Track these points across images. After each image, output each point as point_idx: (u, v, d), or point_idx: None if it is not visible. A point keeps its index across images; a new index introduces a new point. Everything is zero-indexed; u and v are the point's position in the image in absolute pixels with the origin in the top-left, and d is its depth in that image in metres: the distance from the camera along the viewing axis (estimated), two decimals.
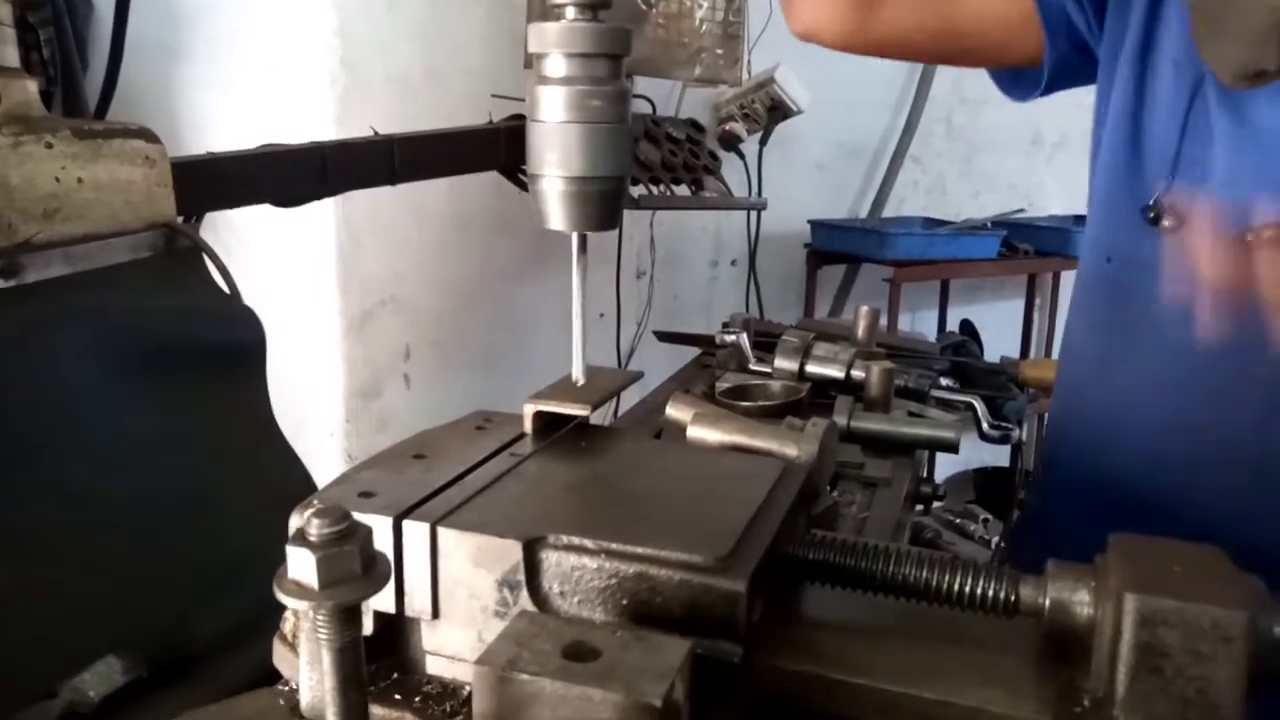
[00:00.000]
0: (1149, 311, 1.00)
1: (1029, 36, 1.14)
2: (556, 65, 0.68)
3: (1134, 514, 0.96)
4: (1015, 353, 3.95)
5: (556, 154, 0.69)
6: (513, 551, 0.57)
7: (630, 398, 1.51)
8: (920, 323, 4.00)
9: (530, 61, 0.71)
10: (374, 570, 0.47)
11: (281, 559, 0.47)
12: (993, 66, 1.27)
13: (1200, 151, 0.95)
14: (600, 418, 0.81)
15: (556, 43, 0.67)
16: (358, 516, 0.49)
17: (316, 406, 2.55)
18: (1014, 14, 1.13)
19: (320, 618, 0.46)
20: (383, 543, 0.58)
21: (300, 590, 0.45)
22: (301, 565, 0.45)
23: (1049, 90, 1.19)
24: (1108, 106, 1.08)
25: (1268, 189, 0.90)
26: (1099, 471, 1.05)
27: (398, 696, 0.59)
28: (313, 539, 0.45)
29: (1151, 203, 0.98)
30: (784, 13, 1.25)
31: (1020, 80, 1.23)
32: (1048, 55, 1.14)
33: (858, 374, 1.39)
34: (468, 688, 0.59)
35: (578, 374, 0.76)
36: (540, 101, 0.68)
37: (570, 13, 0.67)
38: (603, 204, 0.71)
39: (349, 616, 0.47)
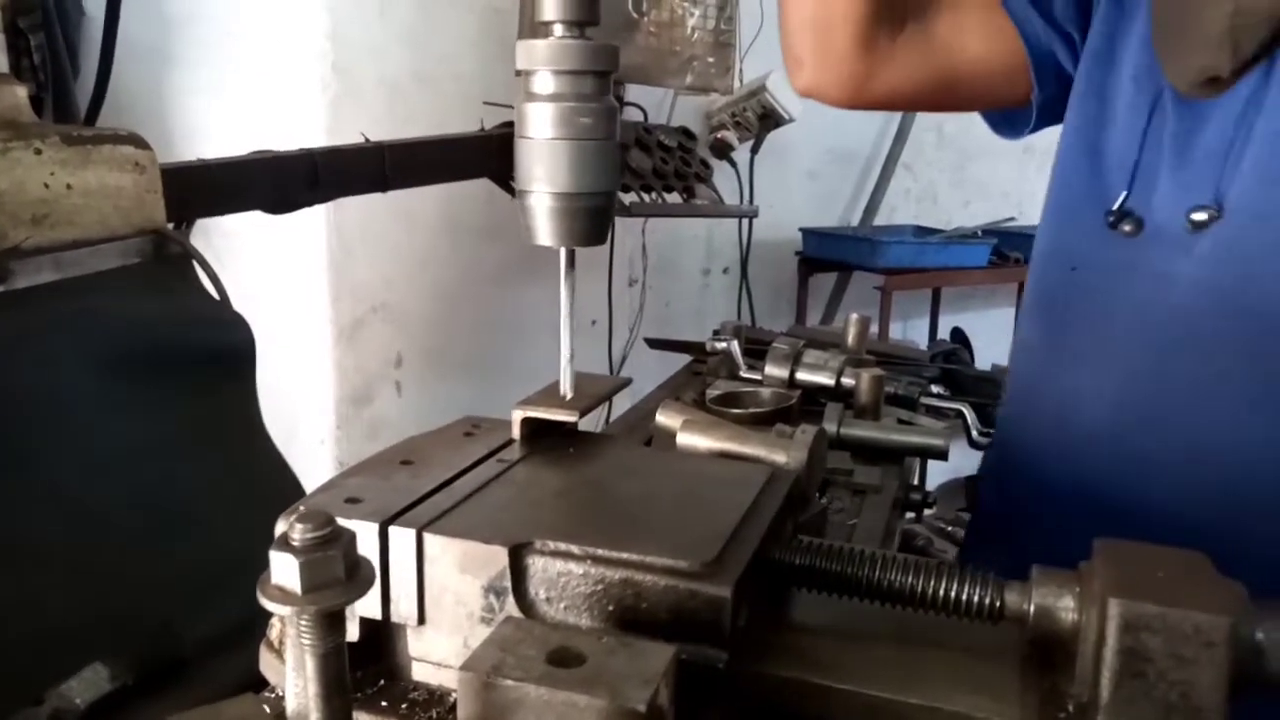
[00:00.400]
0: (1112, 315, 1.01)
1: (1020, 80, 1.17)
2: (545, 82, 0.68)
3: (1096, 517, 0.95)
4: (1006, 360, 3.96)
5: (545, 170, 0.69)
6: (499, 557, 0.57)
7: (621, 404, 1.51)
8: (912, 330, 4.00)
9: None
10: (357, 575, 0.47)
11: (269, 565, 0.47)
12: (985, 110, 1.29)
13: (1157, 161, 0.98)
14: (592, 424, 0.81)
15: (545, 60, 0.67)
16: (344, 522, 0.49)
17: (307, 414, 2.54)
18: (1006, 61, 1.17)
19: (303, 623, 0.46)
20: (369, 549, 0.58)
21: (283, 595, 0.45)
22: (284, 570, 0.45)
23: (1038, 128, 1.22)
24: (1070, 121, 1.11)
25: (1213, 194, 0.92)
26: (1059, 474, 1.05)
27: (384, 703, 0.59)
28: (296, 544, 0.45)
29: (1113, 209, 1.01)
30: (787, 71, 1.28)
31: (1009, 119, 1.27)
32: (1036, 96, 1.18)
33: (848, 381, 1.39)
34: (454, 694, 0.59)
35: (565, 389, 0.76)
36: (529, 118, 0.69)
37: (558, 30, 0.67)
38: (591, 219, 0.71)
39: (332, 622, 0.47)
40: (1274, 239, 0.88)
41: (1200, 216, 0.93)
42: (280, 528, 0.59)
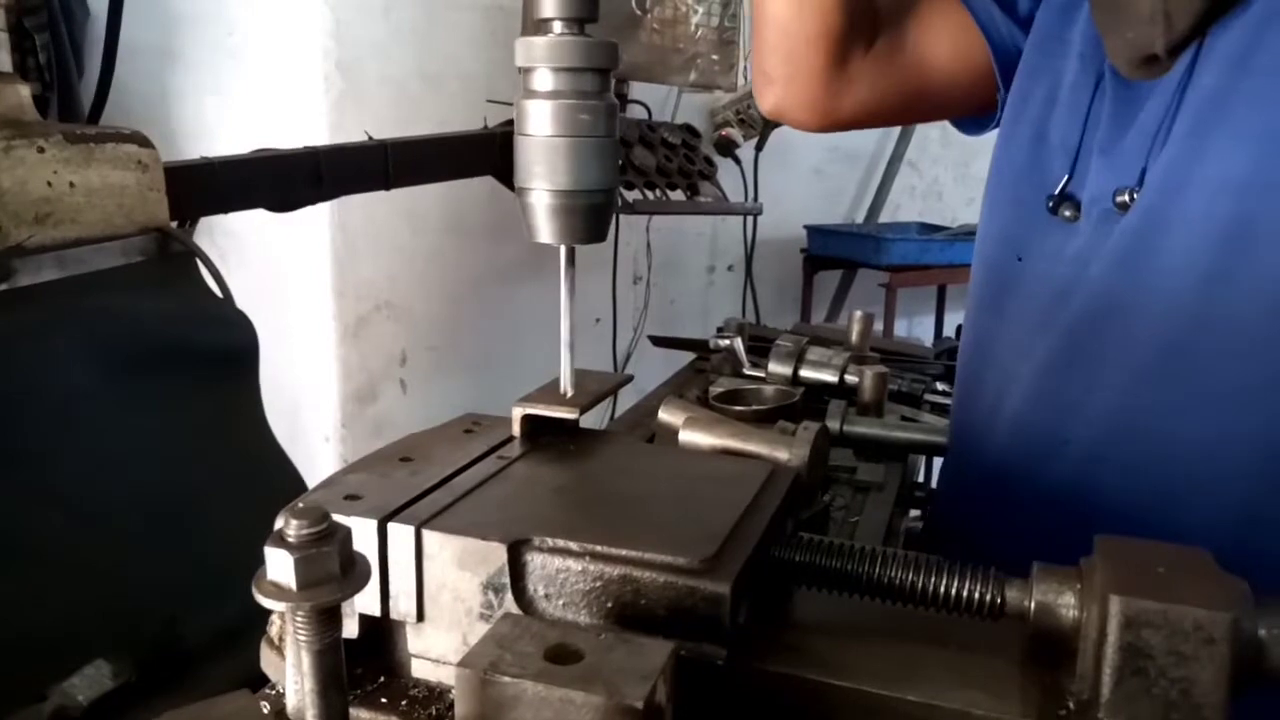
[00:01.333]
0: (1044, 300, 0.98)
1: (988, 83, 1.15)
2: (544, 80, 0.68)
3: (1049, 517, 0.93)
4: None
5: (544, 167, 0.69)
6: (497, 554, 0.57)
7: (625, 401, 1.51)
8: (917, 328, 4.00)
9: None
10: (353, 571, 0.47)
11: None
12: (954, 118, 1.28)
13: (1097, 143, 0.96)
14: (596, 421, 0.81)
15: (544, 57, 0.67)
16: (343, 519, 0.49)
17: (312, 412, 2.55)
18: (973, 64, 1.15)
19: (299, 619, 0.46)
20: (368, 546, 0.58)
21: (278, 591, 0.45)
22: (279, 566, 0.45)
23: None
24: (1013, 103, 1.09)
25: (1139, 175, 0.90)
26: (996, 465, 1.03)
27: (383, 700, 0.59)
28: (291, 540, 0.45)
29: (1055, 193, 0.98)
30: (754, 91, 1.27)
31: (975, 118, 1.25)
32: (1000, 93, 1.16)
33: (851, 378, 1.39)
34: (453, 691, 0.59)
35: (565, 386, 0.76)
36: (528, 115, 0.68)
37: (557, 27, 0.67)
38: (591, 217, 0.71)
39: (328, 618, 0.47)
40: (1182, 214, 0.85)
41: (1125, 198, 0.90)
42: (278, 524, 0.59)
